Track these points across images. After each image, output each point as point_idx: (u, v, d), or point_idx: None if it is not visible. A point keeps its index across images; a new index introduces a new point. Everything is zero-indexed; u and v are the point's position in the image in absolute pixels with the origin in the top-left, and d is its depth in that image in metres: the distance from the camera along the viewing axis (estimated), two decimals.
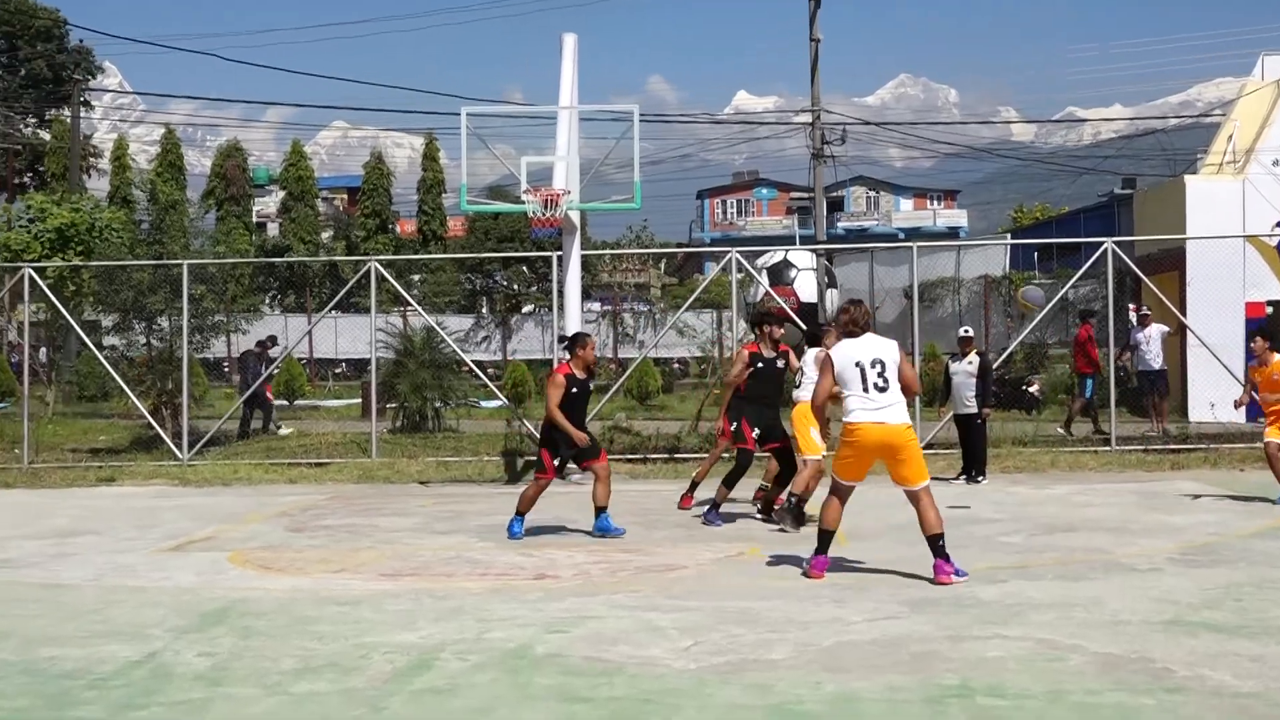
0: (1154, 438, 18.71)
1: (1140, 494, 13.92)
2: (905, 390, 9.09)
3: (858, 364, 9.02)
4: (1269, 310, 21.15)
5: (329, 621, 8.15)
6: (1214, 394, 20.37)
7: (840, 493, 9.33)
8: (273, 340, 23.59)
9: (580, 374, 11.52)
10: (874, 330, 9.52)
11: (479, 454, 18.59)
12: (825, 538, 9.33)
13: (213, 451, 19.18)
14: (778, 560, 10.13)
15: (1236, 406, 14.55)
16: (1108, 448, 17.65)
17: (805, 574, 9.34)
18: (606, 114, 18.78)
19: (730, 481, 12.39)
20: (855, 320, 9.26)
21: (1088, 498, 13.77)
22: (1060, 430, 19.40)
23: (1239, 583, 8.85)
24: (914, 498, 9.05)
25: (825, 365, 9.32)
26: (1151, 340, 19.94)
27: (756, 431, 12.20)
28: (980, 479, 15.14)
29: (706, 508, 12.47)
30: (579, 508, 13.58)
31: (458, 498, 15.13)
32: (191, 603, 8.90)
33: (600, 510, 11.63)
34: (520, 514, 11.67)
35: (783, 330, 12.58)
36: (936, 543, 8.98)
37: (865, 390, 8.97)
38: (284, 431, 22.14)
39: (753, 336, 12.78)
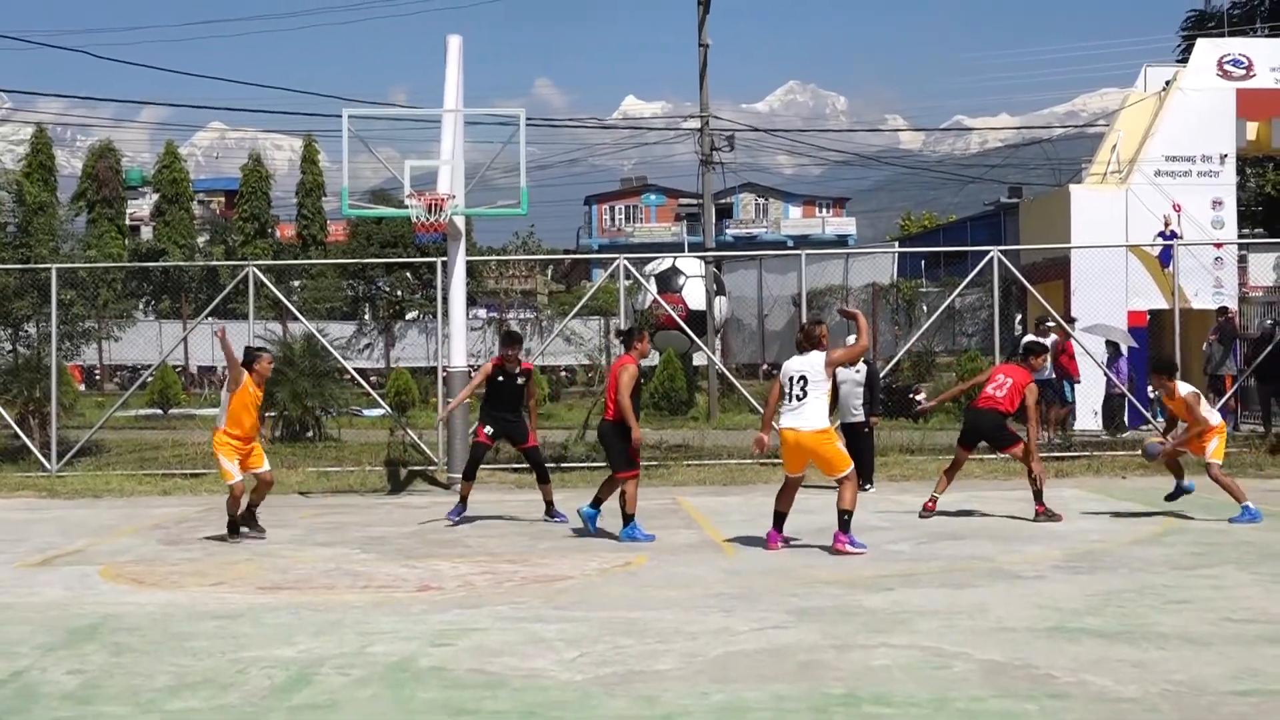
0: (1040, 445, 18.97)
1: (1026, 501, 14.08)
2: (859, 342, 11.12)
3: (789, 377, 10.61)
4: (1149, 319, 21.66)
5: (205, 637, 7.92)
6: (1097, 402, 20.82)
7: (788, 484, 10.87)
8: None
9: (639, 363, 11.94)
10: (809, 343, 10.72)
11: (361, 464, 18.31)
12: (779, 517, 10.91)
13: (83, 462, 18.62)
14: (664, 571, 10.08)
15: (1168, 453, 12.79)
16: (993, 455, 17.81)
17: (766, 546, 10.80)
18: (492, 118, 18.54)
19: (469, 474, 13.21)
20: (808, 336, 10.75)
21: (974, 505, 13.95)
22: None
23: (1120, 589, 8.99)
24: (838, 483, 10.61)
25: (776, 379, 10.91)
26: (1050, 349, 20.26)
27: (489, 429, 13.02)
28: (868, 487, 15.21)
29: (453, 507, 13.08)
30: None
31: (339, 509, 14.85)
32: (60, 618, 8.58)
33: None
34: (631, 517, 11.68)
35: (520, 349, 13.22)
36: (843, 517, 10.53)
37: (788, 400, 10.57)
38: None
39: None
